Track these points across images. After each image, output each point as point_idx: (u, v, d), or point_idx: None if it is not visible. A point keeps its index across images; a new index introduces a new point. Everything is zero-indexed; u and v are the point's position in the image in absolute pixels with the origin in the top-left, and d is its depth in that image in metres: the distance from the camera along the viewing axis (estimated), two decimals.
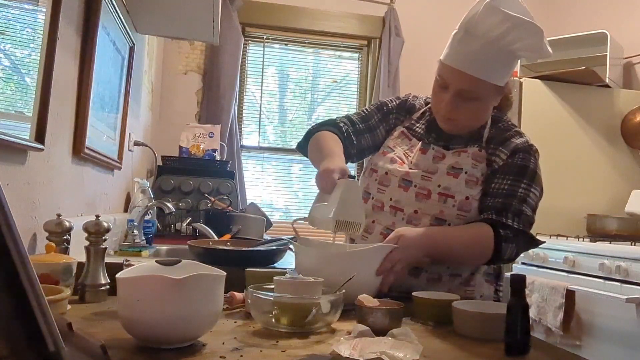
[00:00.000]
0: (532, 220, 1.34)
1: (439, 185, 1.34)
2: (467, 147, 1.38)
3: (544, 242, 1.39)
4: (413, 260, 1.27)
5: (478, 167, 1.35)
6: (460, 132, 1.40)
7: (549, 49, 1.27)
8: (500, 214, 1.30)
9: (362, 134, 1.50)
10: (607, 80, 3.08)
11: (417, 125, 1.48)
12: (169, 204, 2.23)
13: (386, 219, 1.39)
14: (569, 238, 2.65)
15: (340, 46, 3.88)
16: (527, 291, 2.46)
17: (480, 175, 1.35)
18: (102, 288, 1.17)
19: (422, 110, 1.51)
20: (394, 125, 1.52)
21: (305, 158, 1.54)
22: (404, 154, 1.43)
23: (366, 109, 1.55)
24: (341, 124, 1.50)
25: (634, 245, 2.32)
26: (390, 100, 1.56)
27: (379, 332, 0.93)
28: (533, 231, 1.36)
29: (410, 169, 1.39)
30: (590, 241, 2.54)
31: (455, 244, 1.31)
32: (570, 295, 2.36)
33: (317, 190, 1.28)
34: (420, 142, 1.43)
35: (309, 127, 1.55)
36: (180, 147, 3.15)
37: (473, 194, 1.33)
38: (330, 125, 1.50)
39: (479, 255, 1.31)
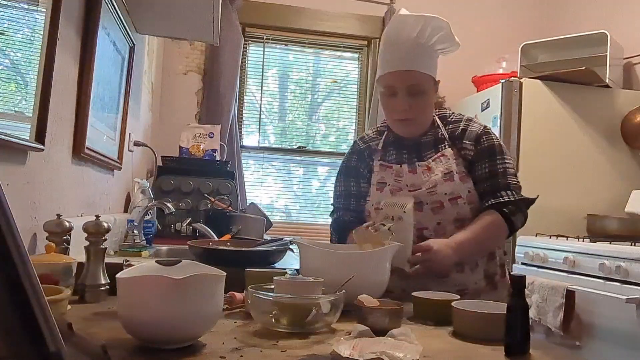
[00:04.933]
0: (519, 184, 1.51)
1: (446, 194, 1.46)
2: (439, 151, 1.51)
3: (537, 196, 1.52)
4: (441, 270, 1.38)
5: (459, 163, 1.50)
6: (415, 132, 1.53)
7: (457, 39, 1.48)
8: (495, 195, 1.46)
9: (358, 202, 1.59)
10: (607, 81, 3.07)
11: (386, 154, 1.58)
12: (169, 204, 2.24)
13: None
14: (569, 238, 2.64)
15: (340, 46, 3.87)
16: (527, 291, 2.46)
17: (464, 169, 1.50)
18: (102, 288, 1.18)
19: (381, 139, 1.60)
20: (367, 170, 1.60)
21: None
22: (395, 181, 1.52)
23: (342, 187, 1.64)
24: (345, 218, 1.60)
25: (634, 245, 2.32)
26: (347, 161, 1.65)
27: (379, 332, 0.93)
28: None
29: (414, 191, 1.48)
30: (590, 241, 2.54)
31: (478, 241, 1.44)
32: (570, 295, 2.36)
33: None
34: (401, 165, 1.53)
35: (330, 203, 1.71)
36: (180, 147, 3.15)
37: (471, 186, 1.48)
38: (344, 227, 1.57)
39: (500, 239, 1.50)
